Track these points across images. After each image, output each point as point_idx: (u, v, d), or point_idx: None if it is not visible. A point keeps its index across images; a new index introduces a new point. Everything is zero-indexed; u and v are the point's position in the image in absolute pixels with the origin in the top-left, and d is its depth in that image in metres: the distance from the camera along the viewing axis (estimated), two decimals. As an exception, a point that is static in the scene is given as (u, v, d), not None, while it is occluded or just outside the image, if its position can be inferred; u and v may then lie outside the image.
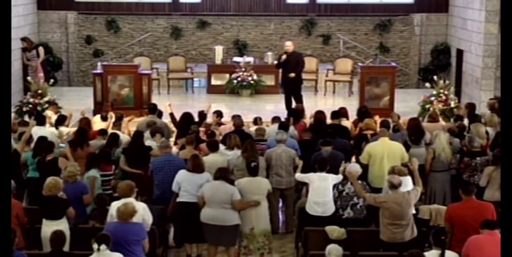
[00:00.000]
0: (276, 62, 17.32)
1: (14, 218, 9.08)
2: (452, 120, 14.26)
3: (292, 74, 16.20)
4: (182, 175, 10.22)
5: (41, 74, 17.57)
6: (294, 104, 15.86)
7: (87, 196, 9.86)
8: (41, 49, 18.19)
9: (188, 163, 10.37)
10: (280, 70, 16.86)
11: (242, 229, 10.04)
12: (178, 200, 10.23)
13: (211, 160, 10.90)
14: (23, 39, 18.20)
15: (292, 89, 16.43)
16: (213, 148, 11.32)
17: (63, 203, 9.24)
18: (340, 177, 10.25)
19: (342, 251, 8.35)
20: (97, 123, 13.60)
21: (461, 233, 8.68)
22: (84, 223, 9.66)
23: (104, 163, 10.98)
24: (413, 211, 9.49)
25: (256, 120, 13.43)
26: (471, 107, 14.24)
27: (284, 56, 16.35)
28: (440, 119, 13.79)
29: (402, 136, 12.07)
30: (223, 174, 9.98)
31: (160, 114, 13.77)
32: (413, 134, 12.02)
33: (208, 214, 9.85)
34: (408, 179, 9.75)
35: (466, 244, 8.02)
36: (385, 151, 11.20)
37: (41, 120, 13.04)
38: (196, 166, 10.19)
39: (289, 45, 16.60)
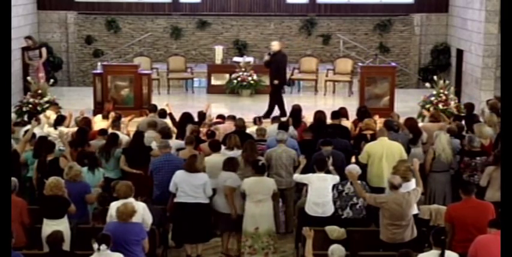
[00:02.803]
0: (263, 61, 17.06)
1: (18, 215, 9.13)
2: (451, 119, 14.25)
3: (276, 81, 16.05)
4: (179, 176, 10.24)
5: (42, 74, 17.56)
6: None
7: (90, 196, 9.86)
8: (44, 50, 18.15)
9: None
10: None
11: (246, 228, 10.13)
12: (175, 200, 10.26)
13: (213, 160, 10.91)
14: (28, 37, 18.17)
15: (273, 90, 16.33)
16: (215, 148, 11.32)
17: (64, 203, 9.24)
18: (337, 177, 10.26)
19: (345, 251, 8.35)
20: (97, 123, 13.61)
21: (462, 233, 8.70)
22: (86, 223, 9.67)
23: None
24: (416, 211, 9.49)
25: (256, 120, 13.44)
26: (470, 106, 14.24)
27: (267, 57, 16.27)
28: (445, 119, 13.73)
29: (406, 135, 12.09)
30: (224, 166, 10.40)
31: (163, 114, 13.75)
32: (410, 134, 12.10)
33: None
34: (412, 183, 9.64)
35: (473, 243, 8.02)
36: (384, 151, 11.21)
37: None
38: (188, 165, 10.23)
39: (274, 45, 16.40)
